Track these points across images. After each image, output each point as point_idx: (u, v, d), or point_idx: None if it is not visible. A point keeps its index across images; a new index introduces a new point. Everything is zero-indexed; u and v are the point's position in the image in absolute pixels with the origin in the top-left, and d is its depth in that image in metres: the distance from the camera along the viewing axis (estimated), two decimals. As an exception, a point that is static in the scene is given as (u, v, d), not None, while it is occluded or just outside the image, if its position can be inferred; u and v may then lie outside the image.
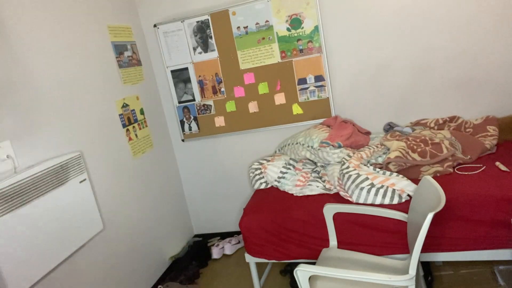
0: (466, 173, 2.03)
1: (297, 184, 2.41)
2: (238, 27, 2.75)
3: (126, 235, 2.44)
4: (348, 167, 2.18)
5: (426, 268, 2.05)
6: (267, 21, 2.69)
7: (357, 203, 2.05)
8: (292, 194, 2.40)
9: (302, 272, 1.44)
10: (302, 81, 2.73)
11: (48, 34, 2.00)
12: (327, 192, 2.31)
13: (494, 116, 2.40)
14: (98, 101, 2.33)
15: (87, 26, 2.32)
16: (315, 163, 2.59)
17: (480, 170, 2.02)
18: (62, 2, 2.14)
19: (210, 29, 2.80)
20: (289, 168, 2.52)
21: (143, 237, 2.62)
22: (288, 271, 2.60)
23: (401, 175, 2.06)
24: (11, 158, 1.67)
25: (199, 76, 2.93)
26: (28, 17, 1.90)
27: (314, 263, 2.34)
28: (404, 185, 1.96)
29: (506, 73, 2.42)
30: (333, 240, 2.04)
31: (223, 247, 2.98)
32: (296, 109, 2.80)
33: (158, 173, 2.90)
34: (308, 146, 2.54)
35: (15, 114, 1.74)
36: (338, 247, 2.02)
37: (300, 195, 2.36)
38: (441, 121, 2.50)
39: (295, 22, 2.65)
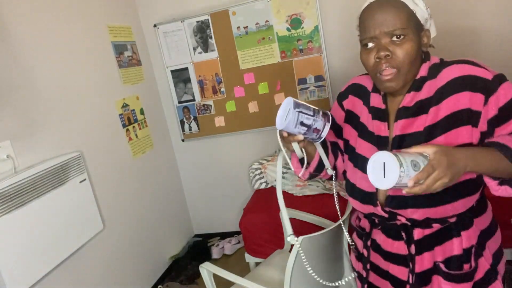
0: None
1: (297, 184, 2.42)
2: (238, 27, 2.75)
3: (126, 235, 2.44)
4: (348, 167, 2.18)
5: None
6: (267, 21, 2.69)
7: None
8: (292, 194, 2.40)
9: (203, 269, 1.63)
10: (302, 81, 2.73)
11: (48, 34, 2.00)
12: (327, 192, 2.31)
13: (494, 116, 2.40)
14: (98, 101, 2.33)
15: (87, 26, 2.32)
16: (315, 163, 2.59)
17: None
18: (62, 2, 2.14)
19: (210, 29, 2.80)
20: (289, 168, 2.52)
21: (143, 237, 2.62)
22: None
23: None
24: (11, 158, 1.66)
25: (199, 76, 2.93)
26: (28, 17, 1.89)
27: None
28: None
29: (506, 73, 2.41)
30: (287, 244, 2.06)
31: (223, 247, 2.97)
32: (296, 109, 2.80)
33: (158, 173, 2.90)
34: (308, 146, 2.54)
35: (15, 114, 1.74)
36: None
37: (300, 195, 2.37)
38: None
39: (295, 22, 2.65)
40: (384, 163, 0.78)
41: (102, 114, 2.35)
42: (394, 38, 0.90)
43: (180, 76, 2.97)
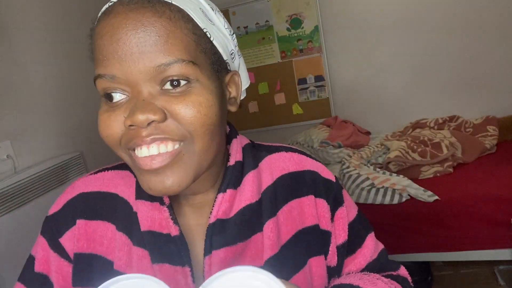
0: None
1: None
2: (238, 27, 2.75)
3: (126, 235, 2.43)
4: (348, 167, 2.18)
5: (426, 268, 2.05)
6: (267, 21, 2.69)
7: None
8: None
9: None
10: (302, 81, 2.73)
11: (48, 34, 2.00)
12: None
13: (494, 116, 2.40)
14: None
15: (88, 26, 2.32)
16: (315, 163, 2.58)
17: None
18: (62, 3, 2.14)
19: (210, 29, 2.80)
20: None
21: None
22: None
23: (401, 175, 2.06)
24: (11, 158, 1.66)
25: (199, 76, 2.93)
26: (28, 18, 1.89)
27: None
28: (404, 185, 1.96)
29: (506, 73, 2.42)
30: None
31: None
32: (296, 109, 2.80)
33: (158, 173, 2.89)
34: (308, 146, 2.54)
35: (15, 114, 1.74)
36: None
37: None
38: (441, 121, 2.50)
39: (295, 22, 2.65)
40: None
41: (102, 114, 2.35)
42: (168, 86, 0.44)
43: (180, 76, 2.97)
